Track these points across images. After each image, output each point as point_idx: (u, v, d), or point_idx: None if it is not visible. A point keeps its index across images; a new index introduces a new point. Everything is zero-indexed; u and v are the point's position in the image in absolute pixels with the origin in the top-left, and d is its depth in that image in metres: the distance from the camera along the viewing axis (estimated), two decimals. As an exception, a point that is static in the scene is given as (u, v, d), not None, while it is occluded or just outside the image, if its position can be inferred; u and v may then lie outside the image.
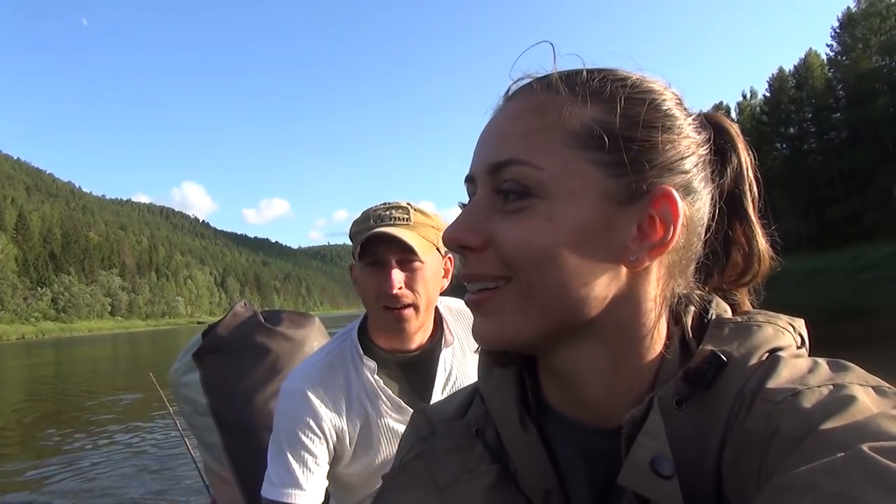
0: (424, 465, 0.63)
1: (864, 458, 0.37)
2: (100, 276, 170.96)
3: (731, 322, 0.57)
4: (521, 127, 0.54)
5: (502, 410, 0.61)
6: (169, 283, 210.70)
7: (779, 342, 0.54)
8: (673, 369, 0.55)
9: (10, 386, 17.43)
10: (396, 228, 1.36)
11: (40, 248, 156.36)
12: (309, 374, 1.42)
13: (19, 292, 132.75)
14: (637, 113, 0.53)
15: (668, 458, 0.48)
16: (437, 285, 1.44)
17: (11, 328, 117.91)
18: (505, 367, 0.63)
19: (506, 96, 0.58)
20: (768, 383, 0.49)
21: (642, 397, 0.53)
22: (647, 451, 0.48)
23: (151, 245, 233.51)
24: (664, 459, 0.47)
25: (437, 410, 0.71)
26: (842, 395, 0.45)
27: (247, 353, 1.96)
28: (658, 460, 0.47)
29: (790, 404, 0.45)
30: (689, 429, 0.51)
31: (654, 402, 0.51)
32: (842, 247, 53.57)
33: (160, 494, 5.26)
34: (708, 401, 0.51)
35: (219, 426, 1.90)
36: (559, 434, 0.60)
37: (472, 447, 0.62)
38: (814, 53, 70.54)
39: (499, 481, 0.59)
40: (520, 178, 0.52)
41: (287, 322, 2.07)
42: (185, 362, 2.03)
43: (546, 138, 0.52)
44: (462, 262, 0.56)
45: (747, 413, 0.48)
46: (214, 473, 1.96)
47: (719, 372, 0.52)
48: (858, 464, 0.37)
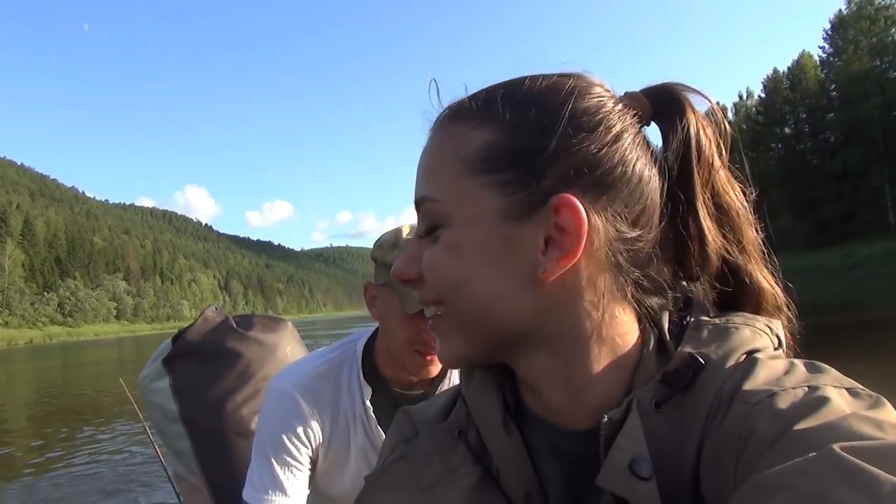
0: (407, 467, 0.63)
1: (836, 457, 0.37)
2: (105, 280, 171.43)
3: (710, 324, 0.57)
4: (427, 162, 0.57)
5: (485, 413, 0.62)
6: (173, 286, 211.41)
7: (756, 344, 0.55)
8: (651, 371, 0.55)
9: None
10: None
11: (46, 254, 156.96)
12: (301, 379, 1.38)
13: (27, 297, 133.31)
14: (525, 124, 0.53)
15: (647, 459, 0.48)
16: None
17: (20, 333, 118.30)
18: (483, 367, 0.64)
19: (432, 128, 0.59)
20: (745, 385, 0.49)
21: (619, 400, 0.53)
22: (626, 452, 0.48)
23: (155, 249, 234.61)
24: (642, 461, 0.48)
25: (419, 412, 0.71)
26: (816, 396, 0.45)
27: (218, 359, 1.93)
28: (636, 462, 0.48)
29: (766, 405, 0.46)
30: (668, 430, 0.51)
31: (632, 405, 0.51)
32: (836, 245, 53.99)
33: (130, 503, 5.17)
34: (686, 403, 0.51)
35: (189, 433, 1.87)
36: (537, 436, 0.60)
37: (455, 449, 0.63)
38: (807, 55, 71.44)
39: (481, 482, 0.59)
40: (429, 212, 0.55)
41: (259, 326, 2.05)
42: (154, 368, 1.99)
43: (444, 171, 0.55)
44: None
45: (725, 415, 0.48)
46: (185, 481, 1.93)
47: (697, 374, 0.52)
48: (830, 463, 0.37)
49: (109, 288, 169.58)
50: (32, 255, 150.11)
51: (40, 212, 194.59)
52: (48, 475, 6.37)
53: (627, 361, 0.56)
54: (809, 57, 71.26)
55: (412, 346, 1.30)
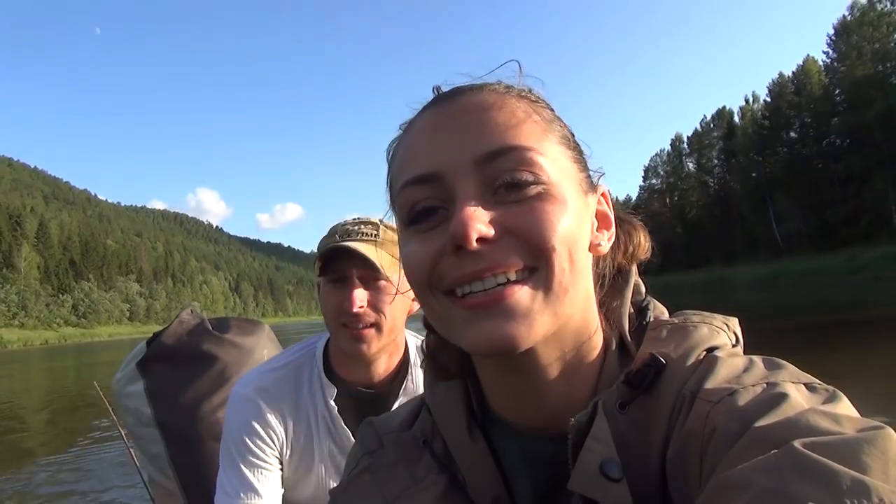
0: (371, 479, 0.62)
1: (797, 454, 0.38)
2: (118, 282, 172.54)
3: (669, 324, 0.58)
4: (499, 117, 0.52)
5: (449, 420, 0.61)
6: (185, 288, 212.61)
7: (714, 341, 0.55)
8: (614, 373, 0.55)
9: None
10: (361, 244, 1.26)
11: (60, 256, 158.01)
12: (261, 383, 1.36)
13: (42, 299, 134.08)
14: (563, 122, 0.57)
15: (616, 461, 0.48)
16: (404, 308, 1.33)
17: (35, 334, 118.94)
18: (447, 381, 0.64)
19: (446, 97, 0.56)
20: (706, 384, 0.49)
21: (585, 402, 0.52)
22: (596, 455, 0.48)
23: (167, 251, 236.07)
24: (612, 463, 0.47)
25: (383, 423, 0.70)
26: (775, 392, 0.46)
27: (193, 362, 1.89)
28: (607, 464, 0.47)
29: (727, 403, 0.46)
30: (633, 432, 0.51)
31: (598, 407, 0.51)
32: (841, 249, 53.95)
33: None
34: (650, 403, 0.51)
35: (164, 437, 1.83)
36: (504, 442, 0.59)
37: (420, 458, 0.62)
38: (811, 60, 71.86)
39: (447, 491, 0.58)
40: (525, 164, 0.51)
41: (235, 329, 2.00)
42: (128, 372, 1.95)
43: (531, 126, 0.53)
44: (457, 263, 0.51)
45: (687, 413, 0.49)
46: (159, 486, 1.89)
47: (659, 374, 0.52)
48: (791, 460, 0.38)
49: (122, 290, 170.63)
50: (47, 258, 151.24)
51: (54, 214, 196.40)
52: (17, 476, 6.35)
53: (594, 362, 0.56)
54: (814, 62, 71.51)
55: (338, 321, 1.28)
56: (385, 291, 1.27)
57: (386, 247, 1.29)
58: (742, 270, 64.95)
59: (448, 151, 0.52)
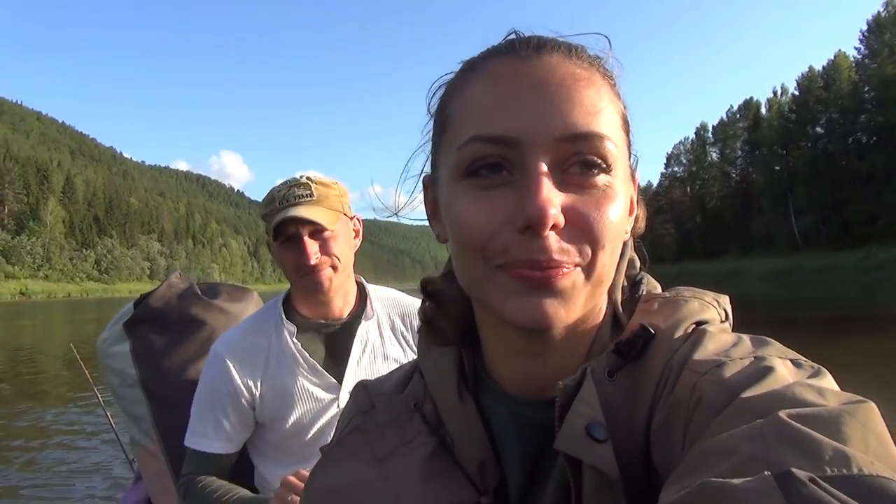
0: (362, 438, 0.63)
1: (781, 423, 0.38)
2: (139, 240, 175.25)
3: (660, 297, 0.59)
4: (589, 97, 0.51)
5: (440, 384, 0.62)
6: (205, 250, 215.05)
7: (704, 315, 0.56)
8: (605, 342, 0.56)
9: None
10: (302, 207, 1.42)
11: (85, 212, 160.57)
12: (231, 339, 1.53)
13: (66, 253, 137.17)
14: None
15: (602, 423, 0.49)
16: (350, 246, 1.52)
17: (59, 286, 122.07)
18: (443, 346, 0.64)
19: (531, 50, 0.54)
20: (694, 355, 0.50)
21: (576, 369, 0.53)
22: (582, 417, 0.49)
23: (188, 212, 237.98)
24: (598, 425, 0.48)
25: (376, 385, 0.72)
26: (762, 366, 0.47)
27: (181, 326, 1.89)
28: (592, 426, 0.48)
29: (714, 375, 0.47)
30: (620, 398, 0.52)
31: (587, 373, 0.52)
32: (857, 247, 53.78)
33: (78, 469, 4.92)
34: (637, 372, 0.53)
35: (148, 399, 1.84)
36: (495, 407, 0.60)
37: (411, 420, 0.63)
38: (843, 55, 70.28)
39: (436, 453, 0.60)
40: (602, 153, 0.50)
41: (224, 295, 2.02)
42: (114, 332, 1.93)
43: (611, 115, 0.52)
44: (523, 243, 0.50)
45: (674, 383, 0.50)
46: (141, 447, 1.88)
47: (648, 344, 0.54)
48: (776, 429, 0.38)
49: (144, 248, 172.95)
50: (72, 213, 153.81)
51: (80, 170, 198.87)
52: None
53: (589, 332, 0.57)
54: (845, 57, 70.08)
55: (299, 274, 1.46)
56: (331, 238, 1.46)
57: (322, 202, 1.46)
58: (757, 263, 64.71)
59: (531, 119, 0.50)
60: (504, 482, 0.59)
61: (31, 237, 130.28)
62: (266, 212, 1.49)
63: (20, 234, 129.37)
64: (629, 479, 0.49)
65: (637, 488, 0.49)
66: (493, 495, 0.58)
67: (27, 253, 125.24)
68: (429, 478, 0.58)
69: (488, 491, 0.58)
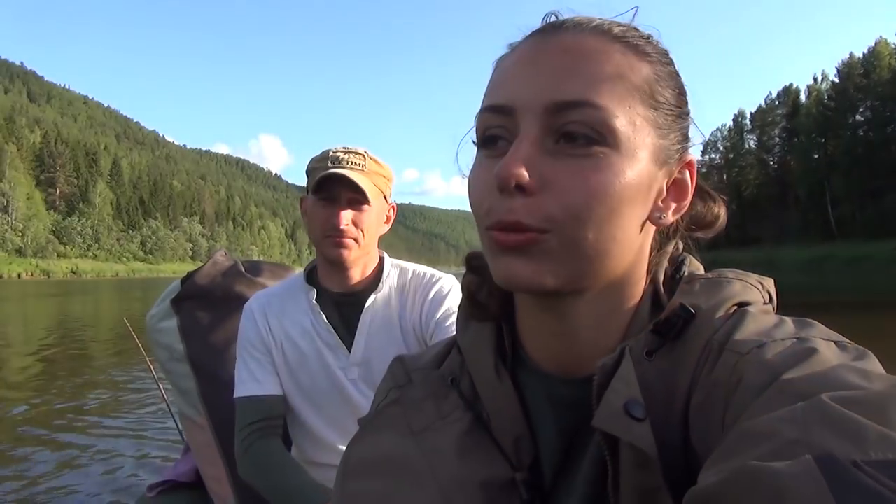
0: (399, 411, 0.64)
1: (824, 406, 0.37)
2: (182, 222, 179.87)
3: (703, 278, 0.58)
4: (590, 67, 0.51)
5: (478, 359, 0.62)
6: (244, 232, 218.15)
7: (746, 297, 0.56)
8: (644, 322, 0.56)
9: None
10: (351, 172, 1.44)
11: (131, 194, 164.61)
12: (259, 296, 1.62)
13: (113, 234, 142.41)
14: (673, 78, 0.55)
15: (640, 402, 0.48)
16: (378, 228, 1.55)
17: (107, 266, 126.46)
18: (481, 321, 0.64)
19: (547, 26, 0.55)
20: (735, 335, 0.50)
21: (614, 348, 0.53)
22: (620, 395, 0.49)
23: (228, 195, 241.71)
24: (636, 404, 0.48)
25: (413, 360, 0.72)
26: (805, 347, 0.46)
27: (225, 302, 1.97)
28: (630, 404, 0.48)
29: (755, 355, 0.47)
30: (658, 378, 0.52)
31: (625, 352, 0.52)
32: (892, 237, 53.20)
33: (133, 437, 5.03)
34: (676, 352, 0.52)
35: (195, 373, 1.90)
36: (532, 383, 0.61)
37: (447, 396, 0.64)
38: (884, 42, 69.07)
39: (471, 428, 0.60)
40: (594, 122, 0.50)
41: (267, 273, 2.09)
42: (162, 308, 2.01)
43: (617, 85, 0.51)
44: (498, 204, 0.51)
45: (714, 363, 0.49)
46: (189, 419, 1.95)
47: (688, 324, 0.53)
48: (818, 412, 0.37)
49: (186, 229, 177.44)
50: (119, 195, 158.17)
51: (125, 153, 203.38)
52: (53, 405, 6.39)
53: (628, 311, 0.57)
54: (886, 44, 68.77)
55: (324, 234, 1.48)
56: (366, 212, 1.48)
57: (370, 176, 1.49)
58: (790, 251, 64.19)
59: (527, 88, 0.51)
60: (539, 459, 0.59)
61: (81, 218, 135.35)
62: (315, 165, 1.50)
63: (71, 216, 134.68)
64: (667, 459, 0.48)
65: (675, 469, 0.49)
66: (527, 471, 0.58)
67: (77, 233, 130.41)
68: (464, 453, 0.58)
69: (523, 467, 0.58)
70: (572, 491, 0.57)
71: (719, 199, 0.64)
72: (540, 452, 0.59)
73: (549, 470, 0.59)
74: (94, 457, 4.49)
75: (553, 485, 0.59)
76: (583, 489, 0.55)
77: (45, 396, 6.67)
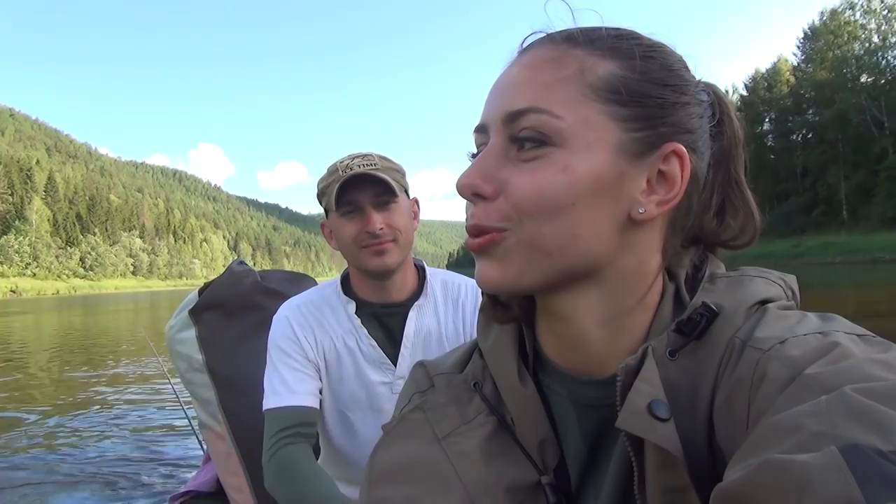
0: (423, 417, 0.64)
1: (848, 398, 0.37)
2: (122, 237, 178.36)
3: (725, 276, 0.59)
4: (539, 77, 0.53)
5: (500, 363, 0.63)
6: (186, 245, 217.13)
7: (769, 294, 0.56)
8: (666, 322, 0.56)
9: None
10: (369, 171, 1.37)
11: (68, 210, 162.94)
12: (292, 304, 1.51)
13: (52, 251, 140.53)
14: (652, 71, 0.55)
15: (664, 402, 0.49)
16: (411, 224, 1.46)
17: (48, 284, 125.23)
18: (503, 324, 0.65)
19: (520, 49, 0.58)
20: (758, 332, 0.50)
21: (635, 349, 0.54)
22: (644, 396, 0.49)
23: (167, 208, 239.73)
24: (660, 404, 0.48)
25: (435, 365, 0.72)
26: (827, 341, 0.46)
27: (243, 312, 1.95)
28: (655, 404, 0.48)
29: (778, 351, 0.47)
30: (682, 378, 0.52)
31: (648, 352, 0.52)
32: (792, 236, 59.90)
33: (153, 449, 4.94)
34: (700, 351, 0.52)
35: (214, 383, 1.89)
36: (554, 386, 0.61)
37: (470, 400, 0.64)
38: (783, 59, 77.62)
39: (496, 432, 0.60)
40: (538, 126, 0.52)
41: (283, 281, 2.06)
42: (180, 319, 1.98)
43: (565, 89, 0.53)
44: (468, 211, 0.56)
45: (737, 361, 0.49)
46: (209, 429, 1.93)
47: (711, 323, 0.53)
48: (842, 404, 0.37)
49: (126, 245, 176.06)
50: (56, 211, 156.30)
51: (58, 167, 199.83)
52: (73, 412, 6.32)
53: (648, 311, 0.57)
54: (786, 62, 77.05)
55: (359, 245, 1.38)
56: (395, 209, 1.40)
57: (387, 172, 1.40)
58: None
59: (492, 106, 0.56)
60: (564, 461, 0.60)
61: (18, 236, 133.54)
62: (327, 183, 1.42)
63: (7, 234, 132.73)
64: (693, 459, 0.49)
65: (701, 468, 0.49)
66: (553, 474, 0.59)
67: (15, 252, 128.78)
68: (489, 457, 0.58)
69: (549, 470, 0.59)
70: (599, 493, 0.57)
71: (747, 208, 0.61)
72: (565, 455, 0.60)
73: (575, 472, 0.59)
74: (116, 468, 4.47)
75: (579, 487, 0.59)
76: (609, 491, 0.55)
77: (60, 410, 6.58)
